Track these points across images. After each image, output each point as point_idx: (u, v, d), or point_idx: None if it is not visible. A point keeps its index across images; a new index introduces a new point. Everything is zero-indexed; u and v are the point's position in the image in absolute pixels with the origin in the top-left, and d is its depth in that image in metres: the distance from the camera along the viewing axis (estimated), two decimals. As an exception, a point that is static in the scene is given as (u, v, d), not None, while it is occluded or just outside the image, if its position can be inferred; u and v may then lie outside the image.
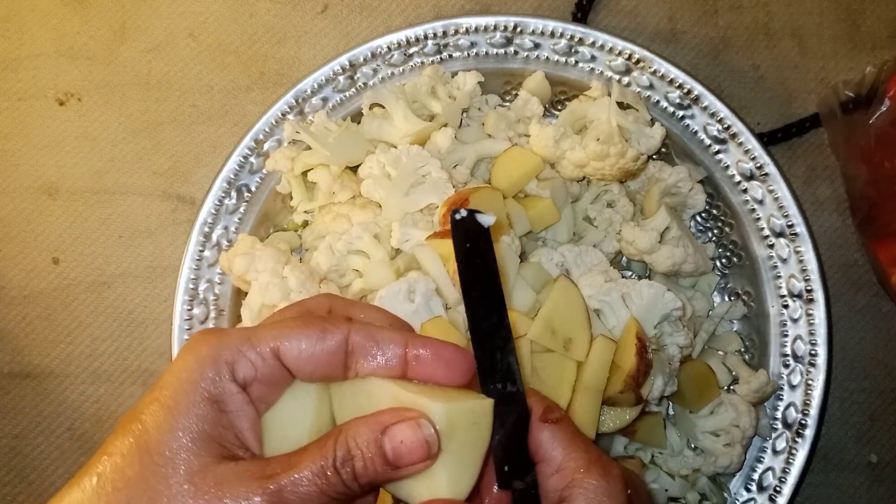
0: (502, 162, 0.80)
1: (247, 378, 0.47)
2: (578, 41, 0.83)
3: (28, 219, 0.93)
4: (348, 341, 0.48)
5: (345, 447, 0.46)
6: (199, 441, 0.45)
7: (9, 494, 0.90)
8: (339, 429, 0.47)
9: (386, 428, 0.46)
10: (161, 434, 0.44)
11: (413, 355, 0.49)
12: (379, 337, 0.49)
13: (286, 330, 0.48)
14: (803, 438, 0.79)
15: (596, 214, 0.83)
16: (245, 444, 0.47)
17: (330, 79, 0.84)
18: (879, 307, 0.89)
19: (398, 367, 0.49)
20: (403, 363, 0.49)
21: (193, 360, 0.47)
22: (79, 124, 0.94)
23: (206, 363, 0.46)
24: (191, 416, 0.45)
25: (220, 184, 0.83)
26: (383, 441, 0.45)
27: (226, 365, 0.47)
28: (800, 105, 0.92)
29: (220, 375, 0.46)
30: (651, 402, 0.73)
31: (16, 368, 0.91)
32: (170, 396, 0.46)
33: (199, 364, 0.46)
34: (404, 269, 0.76)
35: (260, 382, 0.48)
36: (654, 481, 0.79)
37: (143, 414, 0.45)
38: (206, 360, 0.46)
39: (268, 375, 0.48)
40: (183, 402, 0.45)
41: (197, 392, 0.46)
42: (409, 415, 0.46)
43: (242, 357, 0.47)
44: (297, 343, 0.48)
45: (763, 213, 0.81)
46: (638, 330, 0.70)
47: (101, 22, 0.95)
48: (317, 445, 0.46)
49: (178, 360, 0.47)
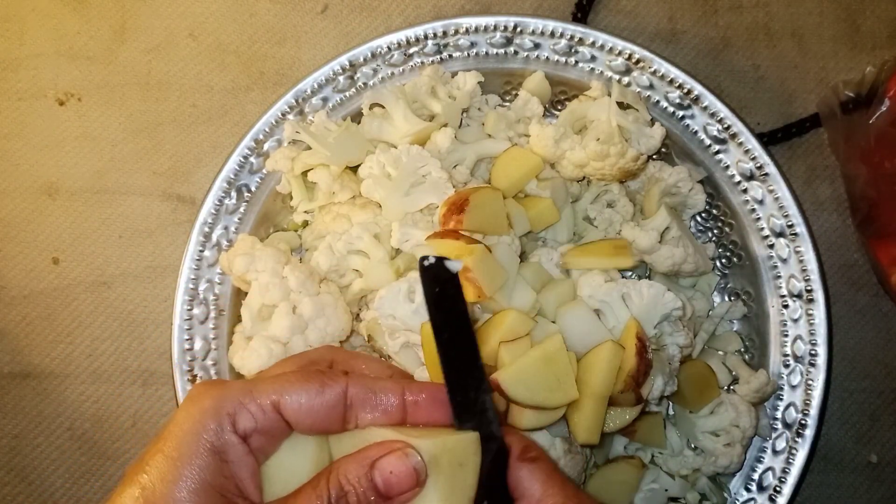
0: (502, 162, 0.80)
1: (247, 429, 0.49)
2: (578, 41, 0.83)
3: (28, 219, 0.93)
4: (347, 395, 0.51)
5: (337, 485, 0.48)
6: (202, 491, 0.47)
7: (9, 494, 0.90)
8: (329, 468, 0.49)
9: (374, 461, 0.48)
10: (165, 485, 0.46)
11: (411, 401, 0.51)
12: (376, 388, 0.51)
13: (287, 384, 0.50)
14: (803, 438, 0.79)
15: (596, 214, 0.83)
16: (245, 493, 0.49)
17: (330, 79, 0.84)
18: (879, 307, 0.89)
19: (397, 414, 0.51)
20: (402, 410, 0.51)
21: (196, 411, 0.49)
22: (79, 124, 0.94)
23: (208, 415, 0.48)
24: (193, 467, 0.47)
25: (220, 184, 0.83)
26: (373, 474, 0.48)
27: (227, 416, 0.49)
28: (800, 105, 0.92)
29: (221, 427, 0.48)
30: (651, 401, 0.73)
31: (16, 368, 0.91)
32: (173, 448, 0.47)
33: (202, 415, 0.48)
34: (404, 269, 0.76)
35: (260, 434, 0.50)
36: (654, 481, 0.79)
37: (148, 465, 0.47)
38: (208, 411, 0.48)
39: (267, 427, 0.50)
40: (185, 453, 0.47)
41: (199, 443, 0.48)
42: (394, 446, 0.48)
43: (243, 409, 0.49)
44: (296, 397, 0.50)
45: (763, 213, 0.81)
46: (638, 330, 0.70)
47: (101, 22, 0.95)
48: (310, 486, 0.48)
49: (181, 412, 0.49)
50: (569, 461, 0.71)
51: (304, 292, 0.74)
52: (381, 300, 0.71)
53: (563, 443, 0.71)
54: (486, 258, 0.70)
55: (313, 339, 0.73)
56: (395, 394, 0.52)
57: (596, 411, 0.68)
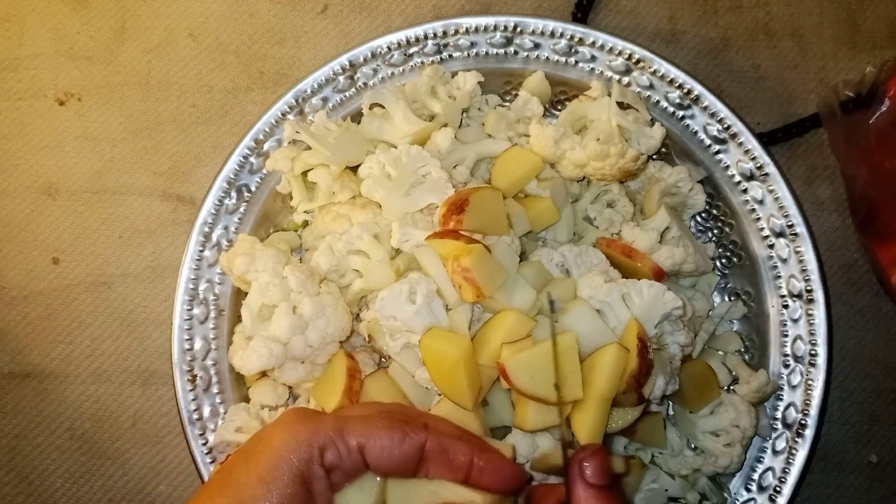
0: (502, 162, 0.80)
1: (332, 465, 0.52)
2: (578, 41, 0.83)
3: (28, 219, 0.93)
4: (424, 447, 0.53)
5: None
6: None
7: (9, 494, 0.90)
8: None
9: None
10: (255, 502, 0.49)
11: (478, 467, 0.55)
12: (451, 447, 0.54)
13: (375, 429, 0.53)
14: (803, 438, 0.79)
15: (596, 214, 0.83)
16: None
17: (330, 79, 0.84)
18: (879, 307, 0.89)
19: (462, 474, 0.55)
20: (468, 471, 0.55)
21: (291, 438, 0.51)
22: (79, 124, 0.94)
23: (302, 445, 0.51)
24: (283, 491, 0.49)
25: (220, 184, 0.83)
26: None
27: (318, 450, 0.51)
28: (800, 105, 0.92)
29: (312, 458, 0.51)
30: (652, 401, 0.73)
31: (16, 368, 0.91)
32: (267, 471, 0.50)
33: (297, 444, 0.51)
34: (404, 269, 0.76)
35: (339, 470, 0.52)
36: (654, 481, 0.79)
37: (242, 481, 0.50)
38: (302, 441, 0.51)
39: (349, 466, 0.52)
40: (279, 477, 0.49)
41: (291, 469, 0.50)
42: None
43: (333, 445, 0.52)
44: (380, 442, 0.52)
45: (763, 213, 0.81)
46: (639, 330, 0.70)
47: (101, 22, 0.95)
48: None
49: (275, 436, 0.52)
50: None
51: (304, 292, 0.74)
52: (382, 301, 0.71)
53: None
54: (486, 258, 0.70)
55: (313, 339, 0.73)
56: (466, 456, 0.55)
57: (600, 413, 0.68)
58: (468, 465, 0.54)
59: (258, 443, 0.52)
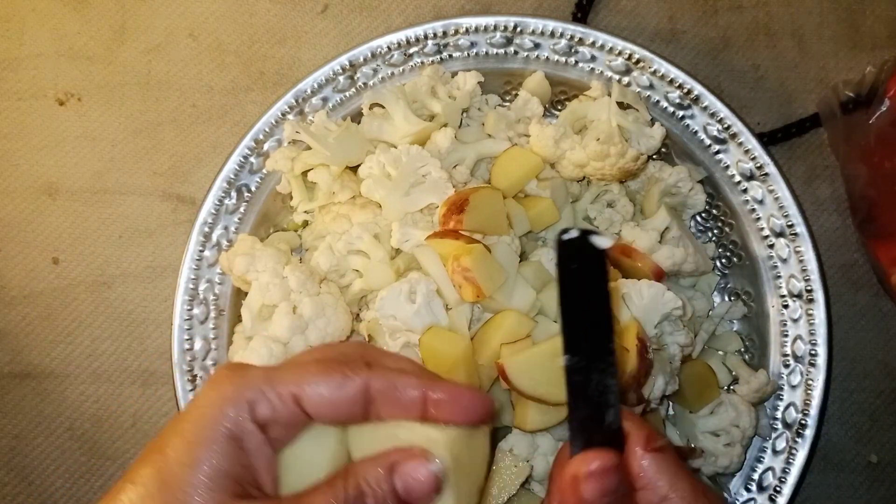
0: (502, 162, 0.80)
1: (265, 418, 0.48)
2: (578, 41, 0.83)
3: (28, 219, 0.93)
4: (369, 389, 0.49)
5: (356, 486, 0.47)
6: (217, 478, 0.46)
7: (9, 494, 0.90)
8: (347, 469, 0.48)
9: (395, 465, 0.47)
10: (181, 468, 0.45)
11: (433, 400, 0.50)
12: (399, 382, 0.50)
13: (308, 375, 0.49)
14: (803, 438, 0.79)
15: (596, 214, 0.83)
16: (259, 484, 0.48)
17: (330, 79, 0.84)
18: (879, 307, 0.89)
19: (417, 410, 0.50)
20: (422, 407, 0.50)
21: (217, 396, 0.48)
22: (79, 124, 0.94)
23: (228, 400, 0.47)
24: (210, 452, 0.46)
25: (220, 184, 0.83)
26: (394, 479, 0.47)
27: (246, 404, 0.47)
28: (800, 105, 0.92)
29: (240, 414, 0.47)
30: (652, 401, 0.73)
31: (16, 368, 0.91)
32: (191, 431, 0.46)
33: (222, 401, 0.47)
34: (404, 269, 0.76)
35: (277, 424, 0.49)
36: (654, 481, 0.79)
37: (167, 446, 0.46)
38: (228, 397, 0.47)
39: (286, 417, 0.48)
40: (203, 437, 0.46)
41: (218, 428, 0.47)
42: (416, 452, 0.48)
43: (263, 397, 0.48)
44: (316, 388, 0.48)
45: (763, 213, 0.81)
46: (639, 331, 0.70)
47: (101, 22, 0.95)
48: (327, 485, 0.47)
49: (202, 395, 0.48)
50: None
51: (304, 292, 0.74)
52: (382, 301, 0.71)
53: (564, 444, 0.71)
54: (486, 258, 0.70)
55: (313, 339, 0.73)
56: (417, 389, 0.50)
57: None
58: (421, 399, 0.50)
59: (188, 406, 0.49)
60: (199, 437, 0.46)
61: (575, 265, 0.49)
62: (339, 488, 0.47)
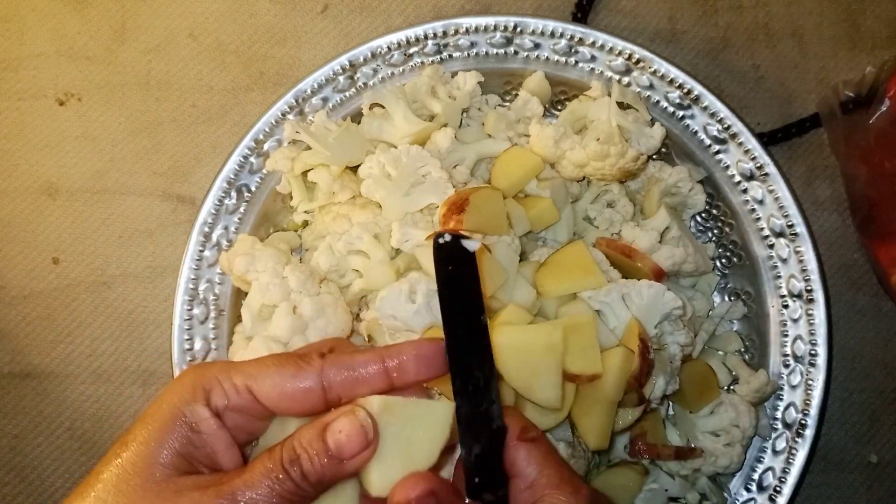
0: (502, 162, 0.80)
1: (219, 406, 0.52)
2: (578, 41, 0.83)
3: (28, 219, 0.93)
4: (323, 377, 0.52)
5: (291, 449, 0.50)
6: (169, 456, 0.50)
7: (9, 494, 0.90)
8: (287, 437, 0.51)
9: (326, 424, 0.50)
10: (136, 447, 0.50)
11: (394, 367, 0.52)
12: (354, 363, 0.52)
13: (261, 367, 0.52)
14: (803, 438, 0.79)
15: (596, 214, 0.83)
16: (217, 466, 0.52)
17: (330, 79, 0.84)
18: (879, 307, 0.89)
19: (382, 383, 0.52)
20: (386, 378, 0.52)
21: (178, 387, 0.52)
22: (79, 124, 0.94)
23: (186, 390, 0.52)
24: (165, 434, 0.50)
25: (220, 184, 0.83)
26: (325, 436, 0.49)
27: (202, 392, 0.52)
28: (800, 105, 0.92)
29: (195, 401, 0.51)
30: (652, 401, 0.73)
31: (16, 368, 0.91)
32: (149, 416, 0.51)
33: (181, 390, 0.52)
34: (404, 269, 0.76)
35: (234, 412, 0.52)
36: (654, 481, 0.79)
37: (131, 432, 0.51)
38: (187, 387, 0.52)
39: (240, 406, 0.52)
40: (160, 421, 0.51)
41: (173, 414, 0.51)
42: (345, 409, 0.50)
43: (217, 386, 0.52)
44: (268, 380, 0.52)
45: (763, 213, 0.81)
46: (640, 331, 0.70)
47: (101, 22, 0.95)
48: (267, 453, 0.51)
49: (166, 388, 0.53)
50: (572, 465, 0.71)
51: (304, 292, 0.74)
52: (382, 301, 0.71)
53: (567, 447, 0.71)
54: (486, 258, 0.70)
55: (313, 339, 0.73)
56: (375, 362, 0.52)
57: (606, 417, 0.68)
58: (382, 371, 0.52)
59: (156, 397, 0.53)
60: (156, 420, 0.51)
61: (451, 266, 0.53)
62: (276, 453, 0.50)
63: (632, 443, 0.77)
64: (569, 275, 0.73)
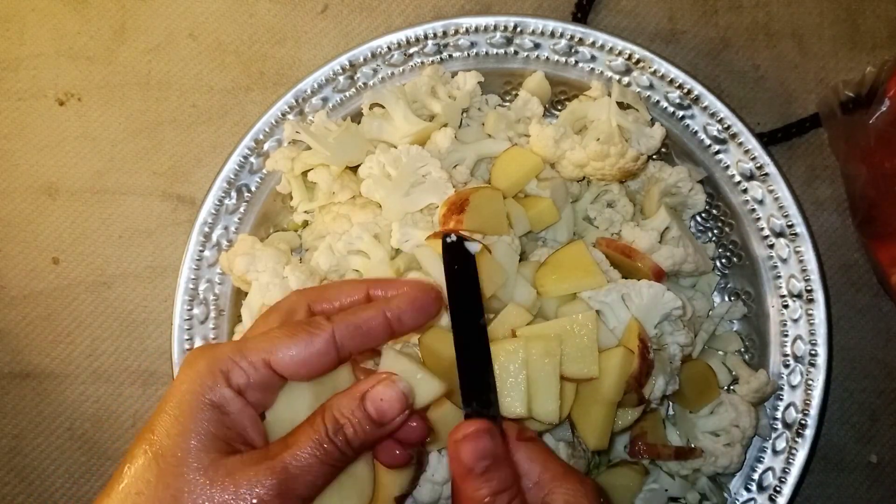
0: (502, 162, 0.80)
1: (241, 385, 0.52)
2: (578, 41, 0.83)
3: (28, 219, 0.93)
4: (335, 339, 0.54)
5: (332, 419, 0.52)
6: (206, 441, 0.50)
7: (9, 494, 0.90)
8: (323, 406, 0.53)
9: (364, 393, 0.53)
10: (171, 439, 0.50)
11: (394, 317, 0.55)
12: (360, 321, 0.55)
13: (276, 341, 0.53)
14: (803, 438, 0.79)
15: (596, 214, 0.83)
16: (249, 441, 0.53)
17: (330, 79, 0.84)
18: (879, 307, 0.89)
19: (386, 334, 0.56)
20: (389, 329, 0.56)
21: (193, 373, 0.52)
22: (79, 124, 0.94)
23: (204, 375, 0.52)
24: (196, 420, 0.51)
25: (220, 184, 0.83)
26: (365, 405, 0.52)
27: (221, 374, 0.52)
28: (800, 105, 0.92)
29: (217, 384, 0.52)
30: (652, 401, 0.73)
31: (16, 368, 0.91)
32: (175, 406, 0.51)
33: (199, 376, 0.52)
34: (404, 269, 0.76)
35: (254, 388, 0.53)
36: (654, 481, 0.79)
37: (155, 426, 0.51)
38: (203, 372, 0.52)
39: (260, 382, 0.53)
40: (187, 409, 0.51)
41: (198, 399, 0.51)
42: (381, 377, 0.54)
43: (235, 367, 0.52)
44: (287, 352, 0.53)
45: (763, 213, 0.81)
46: (640, 331, 0.70)
47: (101, 22, 0.95)
48: (307, 423, 0.53)
49: (179, 376, 0.53)
50: (572, 465, 0.71)
51: (304, 292, 0.73)
52: (382, 300, 0.71)
53: (567, 447, 0.71)
54: (486, 258, 0.70)
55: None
56: (378, 317, 0.55)
57: (606, 417, 0.68)
58: (385, 324, 0.55)
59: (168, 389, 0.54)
60: (182, 410, 0.51)
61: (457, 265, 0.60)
62: (318, 423, 0.52)
63: (632, 443, 0.77)
64: (569, 275, 0.73)
